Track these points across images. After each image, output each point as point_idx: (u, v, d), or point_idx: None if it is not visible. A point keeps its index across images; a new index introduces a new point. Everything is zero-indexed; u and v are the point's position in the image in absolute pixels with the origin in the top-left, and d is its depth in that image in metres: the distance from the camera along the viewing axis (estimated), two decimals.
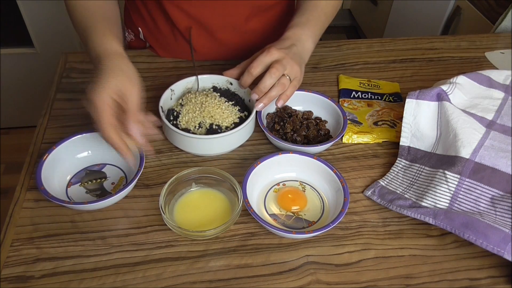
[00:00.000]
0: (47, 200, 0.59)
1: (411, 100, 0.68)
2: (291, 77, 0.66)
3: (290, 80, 0.66)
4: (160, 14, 0.81)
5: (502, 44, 0.96)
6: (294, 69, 0.66)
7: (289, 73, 0.66)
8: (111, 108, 0.56)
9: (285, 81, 0.66)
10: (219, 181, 0.62)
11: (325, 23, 0.76)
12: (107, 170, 0.65)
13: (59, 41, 1.65)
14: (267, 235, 0.59)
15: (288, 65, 0.65)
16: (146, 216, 0.60)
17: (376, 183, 0.66)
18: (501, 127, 0.66)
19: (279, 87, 0.66)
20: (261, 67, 0.65)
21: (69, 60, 0.85)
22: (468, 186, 0.61)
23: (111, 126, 0.56)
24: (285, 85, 0.66)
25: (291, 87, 0.67)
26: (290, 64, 0.65)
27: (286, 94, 0.67)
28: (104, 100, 0.55)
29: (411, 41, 0.95)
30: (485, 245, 0.54)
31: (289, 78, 0.66)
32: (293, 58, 0.66)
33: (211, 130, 0.66)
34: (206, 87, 0.74)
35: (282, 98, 0.68)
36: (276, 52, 0.65)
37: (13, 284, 0.53)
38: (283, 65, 0.65)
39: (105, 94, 0.56)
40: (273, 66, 0.64)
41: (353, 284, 0.54)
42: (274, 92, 0.66)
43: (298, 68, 0.67)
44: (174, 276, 0.54)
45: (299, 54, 0.69)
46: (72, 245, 0.57)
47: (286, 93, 0.67)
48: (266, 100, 0.66)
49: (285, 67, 0.65)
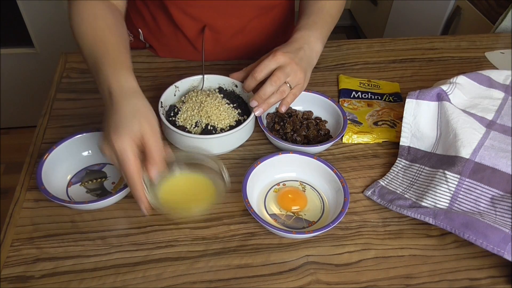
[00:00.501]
0: (47, 200, 0.59)
1: (411, 100, 0.68)
2: (292, 85, 0.66)
3: (290, 88, 0.66)
4: (163, 15, 0.81)
5: (502, 44, 0.96)
6: (297, 76, 0.66)
7: (291, 81, 0.66)
8: (135, 155, 0.53)
9: (285, 88, 0.66)
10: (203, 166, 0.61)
11: (331, 25, 0.76)
12: (107, 170, 0.65)
13: (59, 41, 1.65)
14: (267, 235, 0.59)
15: (292, 71, 0.65)
16: (146, 216, 0.60)
17: (376, 183, 0.66)
18: (501, 127, 0.66)
19: (278, 94, 0.66)
20: (265, 72, 0.65)
21: (69, 60, 0.85)
22: (468, 186, 0.61)
23: (138, 175, 0.53)
24: (284, 93, 0.66)
25: (290, 95, 0.67)
26: (294, 71, 0.65)
27: (287, 101, 0.68)
28: (128, 147, 0.52)
29: (411, 41, 0.95)
30: (485, 245, 0.54)
31: (289, 86, 0.66)
32: (298, 63, 0.66)
33: (206, 130, 0.66)
34: (212, 87, 0.74)
35: (284, 104, 0.68)
36: (281, 57, 0.65)
37: (13, 284, 0.53)
38: (286, 73, 0.65)
39: (128, 139, 0.52)
40: (275, 74, 0.64)
41: (353, 284, 0.54)
42: (272, 99, 0.66)
43: (303, 75, 0.67)
44: (174, 276, 0.54)
45: (307, 58, 0.68)
46: (72, 245, 0.57)
47: (287, 99, 0.67)
48: (265, 106, 0.66)
49: (288, 74, 0.65)
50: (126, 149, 0.52)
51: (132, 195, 0.54)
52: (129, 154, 0.52)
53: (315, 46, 0.70)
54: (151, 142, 0.54)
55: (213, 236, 0.59)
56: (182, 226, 0.59)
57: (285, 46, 0.68)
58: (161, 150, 0.55)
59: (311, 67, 0.70)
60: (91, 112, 0.75)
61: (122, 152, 0.52)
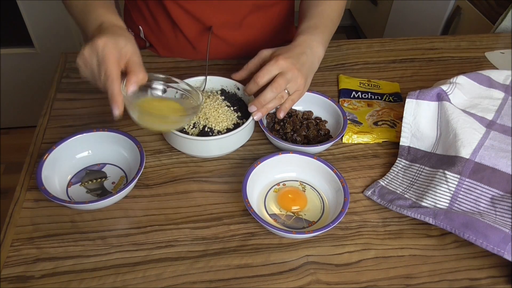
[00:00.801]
0: (47, 200, 0.59)
1: (411, 100, 0.68)
2: (291, 91, 0.66)
3: (288, 94, 0.66)
4: (161, 13, 0.81)
5: (502, 44, 0.96)
6: (298, 82, 0.66)
7: (290, 87, 0.65)
8: (116, 56, 0.54)
9: (284, 95, 0.66)
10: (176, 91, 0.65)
11: (332, 29, 0.75)
12: (107, 170, 0.65)
13: (59, 41, 1.65)
14: (267, 235, 0.59)
15: (293, 78, 0.65)
16: (146, 216, 0.60)
17: (376, 183, 0.66)
18: (501, 127, 0.66)
19: (277, 100, 0.66)
20: (267, 77, 0.65)
21: (69, 60, 0.86)
22: (468, 186, 0.61)
23: (117, 72, 0.54)
24: (282, 98, 0.66)
25: (289, 101, 0.67)
26: (295, 77, 0.65)
27: (285, 107, 0.68)
28: (111, 45, 0.53)
29: (411, 41, 0.95)
30: (485, 245, 0.54)
31: (287, 92, 0.66)
32: (300, 69, 0.66)
33: (203, 132, 0.66)
34: (214, 88, 0.74)
35: (282, 110, 0.68)
36: (283, 63, 0.64)
37: (13, 284, 0.53)
38: (287, 79, 0.64)
39: (113, 44, 0.54)
40: (276, 81, 0.64)
41: (353, 284, 0.55)
42: (271, 104, 0.66)
43: (303, 82, 0.66)
44: (174, 276, 0.54)
45: (309, 64, 0.68)
46: (72, 245, 0.57)
47: (285, 105, 0.67)
48: (264, 110, 0.66)
49: (289, 80, 0.65)
50: (108, 46, 0.53)
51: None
52: (112, 51, 0.53)
53: (317, 50, 0.70)
54: (135, 58, 0.56)
55: (213, 236, 0.59)
56: (182, 226, 0.60)
57: (287, 50, 0.67)
58: (142, 66, 0.57)
59: (312, 73, 0.70)
60: (91, 112, 0.75)
61: (104, 48, 0.53)
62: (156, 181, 0.65)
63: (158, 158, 0.68)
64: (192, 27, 0.81)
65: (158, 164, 0.67)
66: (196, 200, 0.63)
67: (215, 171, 0.67)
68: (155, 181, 0.65)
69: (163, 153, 0.69)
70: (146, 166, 0.66)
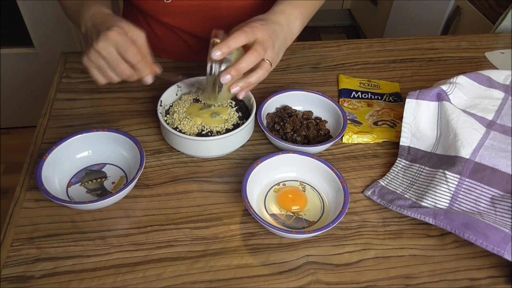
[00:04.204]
0: (47, 200, 0.59)
1: (411, 100, 0.68)
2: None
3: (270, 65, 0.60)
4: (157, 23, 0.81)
5: (502, 44, 0.96)
6: (272, 55, 0.61)
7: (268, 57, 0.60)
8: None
9: (266, 65, 0.59)
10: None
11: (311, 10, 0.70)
12: (107, 170, 0.65)
13: (59, 41, 1.65)
14: (267, 235, 0.59)
15: (269, 48, 0.60)
16: (146, 216, 0.60)
17: (376, 183, 0.66)
18: (501, 127, 0.66)
19: (260, 71, 0.59)
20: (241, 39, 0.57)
21: (69, 60, 0.86)
22: (468, 186, 0.61)
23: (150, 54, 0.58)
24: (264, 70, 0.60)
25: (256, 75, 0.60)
26: (270, 48, 0.60)
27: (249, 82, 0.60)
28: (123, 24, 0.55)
29: (411, 41, 0.95)
30: (485, 245, 0.54)
31: (269, 63, 0.60)
32: (275, 42, 0.61)
33: (202, 132, 0.66)
34: None
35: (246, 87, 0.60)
36: (260, 32, 0.59)
37: (13, 284, 0.53)
38: (264, 48, 0.58)
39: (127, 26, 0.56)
40: (254, 47, 0.58)
41: (353, 284, 0.55)
42: (253, 78, 0.59)
43: (275, 56, 0.62)
44: (174, 276, 0.54)
45: (284, 38, 0.64)
46: (72, 245, 0.57)
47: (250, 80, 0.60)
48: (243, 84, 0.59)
49: (266, 50, 0.59)
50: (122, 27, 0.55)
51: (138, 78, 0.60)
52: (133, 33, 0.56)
53: (293, 26, 0.66)
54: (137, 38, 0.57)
55: (213, 236, 0.59)
56: (182, 226, 0.60)
57: (264, 18, 0.62)
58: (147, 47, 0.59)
59: (284, 48, 0.65)
60: (91, 112, 0.75)
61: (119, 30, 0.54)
62: (156, 181, 0.65)
63: (158, 158, 0.68)
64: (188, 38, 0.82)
65: (158, 164, 0.67)
66: (196, 200, 0.63)
67: (215, 171, 0.67)
68: (155, 181, 0.65)
69: (163, 153, 0.69)
70: (146, 166, 0.66)
